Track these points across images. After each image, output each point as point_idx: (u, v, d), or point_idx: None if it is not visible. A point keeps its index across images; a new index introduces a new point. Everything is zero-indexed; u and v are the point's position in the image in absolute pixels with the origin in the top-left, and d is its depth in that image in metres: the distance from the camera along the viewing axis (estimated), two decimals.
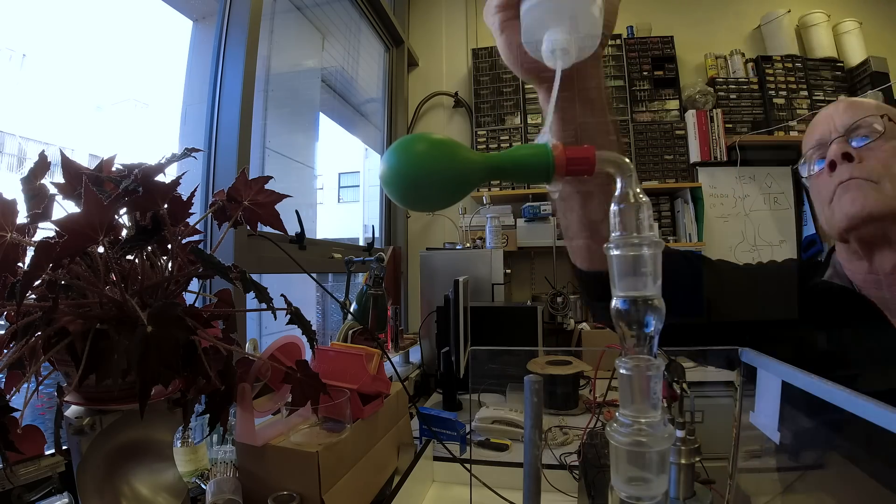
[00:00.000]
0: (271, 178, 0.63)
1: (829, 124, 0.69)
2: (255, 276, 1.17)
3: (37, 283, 0.45)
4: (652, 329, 0.34)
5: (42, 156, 0.54)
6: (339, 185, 6.57)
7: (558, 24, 0.40)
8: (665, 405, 0.83)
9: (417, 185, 0.37)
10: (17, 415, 0.44)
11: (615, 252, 0.34)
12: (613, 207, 0.35)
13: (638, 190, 0.35)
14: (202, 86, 1.37)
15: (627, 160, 0.36)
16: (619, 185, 0.35)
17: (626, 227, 0.34)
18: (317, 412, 0.75)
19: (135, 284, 0.52)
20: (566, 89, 0.46)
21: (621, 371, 0.34)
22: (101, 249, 0.48)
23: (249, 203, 0.61)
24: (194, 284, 0.60)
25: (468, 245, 2.37)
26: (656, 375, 0.34)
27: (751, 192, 2.66)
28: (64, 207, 0.52)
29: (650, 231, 0.34)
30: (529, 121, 2.82)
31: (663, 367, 0.35)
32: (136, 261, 0.52)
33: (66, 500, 0.67)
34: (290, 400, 0.69)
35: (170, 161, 0.52)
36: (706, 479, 0.62)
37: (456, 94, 2.97)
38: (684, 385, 0.59)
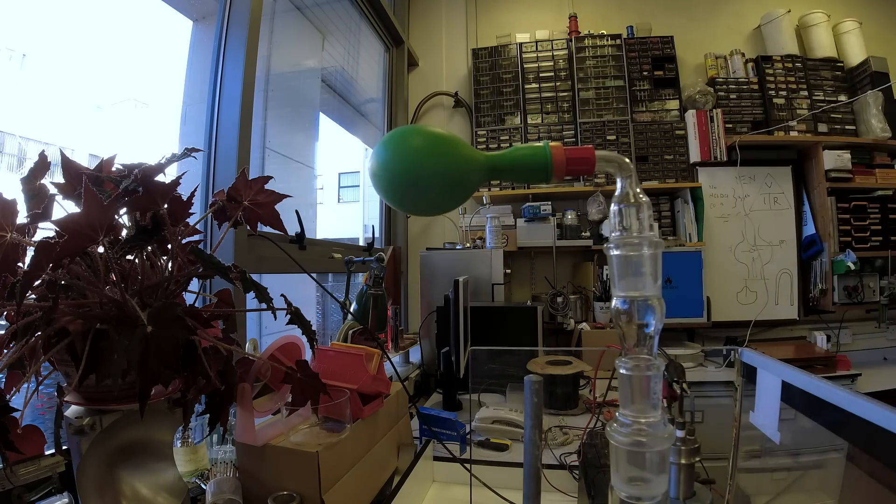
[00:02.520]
0: (271, 178, 0.63)
1: None
2: (255, 276, 1.17)
3: (37, 283, 0.45)
4: (652, 329, 0.34)
5: (42, 156, 0.54)
6: (339, 185, 6.56)
7: None
8: (665, 405, 0.83)
9: (412, 184, 0.34)
10: (17, 415, 0.44)
11: (615, 252, 0.34)
12: (613, 207, 0.35)
13: (638, 190, 0.35)
14: (202, 86, 1.37)
15: (627, 160, 0.36)
16: (619, 184, 0.35)
17: (627, 226, 0.34)
18: (317, 412, 0.75)
19: (135, 284, 0.52)
20: None
21: (621, 371, 0.34)
22: (101, 249, 0.48)
23: (249, 203, 0.61)
24: (194, 284, 0.60)
25: (468, 245, 2.37)
26: (656, 375, 0.34)
27: (751, 192, 2.66)
28: (64, 207, 0.52)
29: (650, 231, 0.34)
30: (529, 121, 2.81)
31: (663, 367, 0.35)
32: (136, 261, 0.52)
33: (66, 500, 0.67)
34: (290, 400, 0.69)
35: (170, 161, 0.52)
36: (706, 479, 0.62)
37: (456, 94, 2.97)
38: (684, 385, 0.59)
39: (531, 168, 0.36)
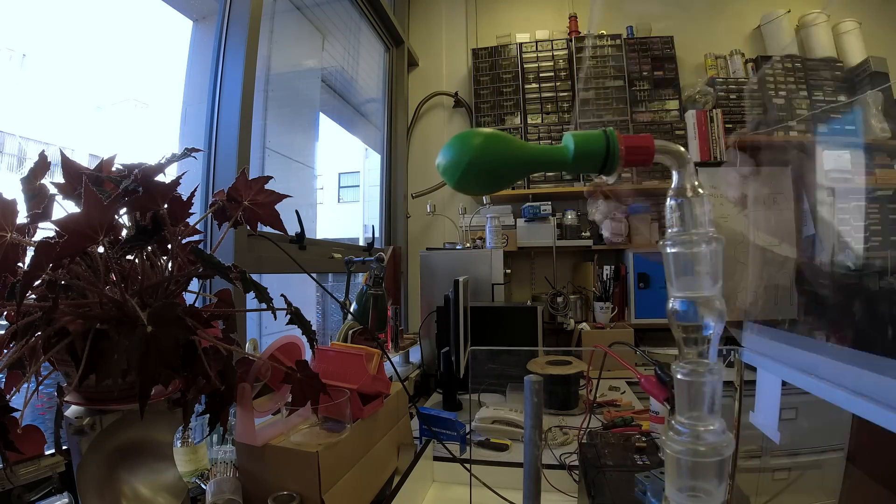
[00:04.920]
0: (271, 178, 0.63)
1: None
2: (255, 276, 1.17)
3: (37, 283, 0.45)
4: (711, 331, 0.32)
5: (42, 156, 0.54)
6: (339, 185, 6.56)
7: None
8: (667, 406, 0.83)
9: (476, 174, 0.37)
10: (17, 415, 0.44)
11: (672, 249, 0.32)
12: (670, 202, 0.33)
13: (696, 182, 0.33)
14: (202, 86, 1.37)
15: (684, 149, 0.34)
16: (675, 177, 0.34)
17: (684, 222, 0.33)
18: (317, 412, 0.75)
19: (135, 284, 0.52)
20: None
21: (678, 376, 0.32)
22: (101, 249, 0.48)
23: (249, 203, 0.61)
24: (194, 284, 0.60)
25: (468, 245, 2.37)
26: (715, 381, 0.32)
27: (750, 193, 2.66)
28: (64, 207, 0.52)
29: (709, 227, 0.33)
30: (529, 121, 2.81)
31: (723, 373, 0.33)
32: (136, 261, 0.52)
33: (66, 500, 0.67)
34: (290, 400, 0.69)
35: (170, 161, 0.52)
36: None
37: (456, 94, 2.97)
38: None
39: (591, 160, 0.35)
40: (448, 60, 3.04)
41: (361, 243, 2.45)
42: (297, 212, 1.40)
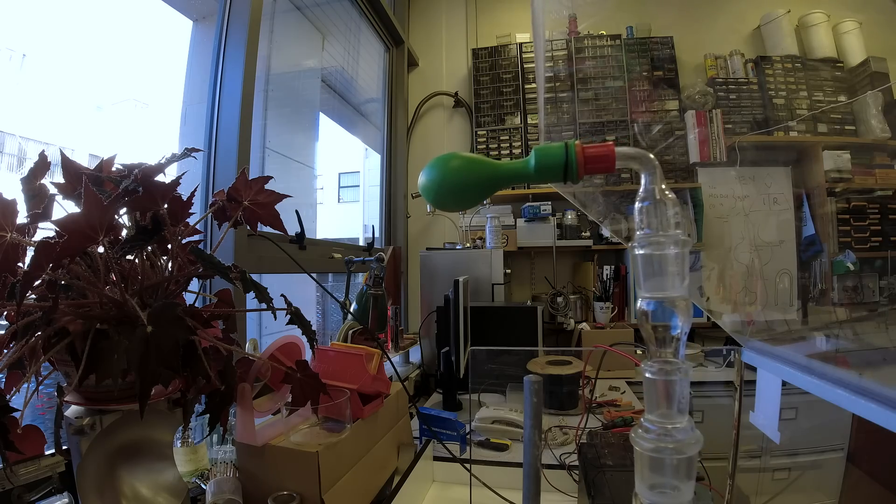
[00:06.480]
0: (271, 178, 0.63)
1: None
2: (255, 276, 1.17)
3: (37, 283, 0.45)
4: (678, 331, 0.33)
5: (42, 156, 0.54)
6: (339, 185, 6.56)
7: None
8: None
9: (452, 192, 0.41)
10: (17, 415, 0.44)
11: (640, 251, 0.33)
12: (637, 205, 0.34)
13: (664, 186, 0.34)
14: (202, 86, 1.37)
15: (651, 155, 0.35)
16: (643, 181, 0.34)
17: (652, 225, 0.33)
18: (317, 412, 0.75)
19: (135, 284, 0.52)
20: None
21: (646, 374, 0.33)
22: (101, 249, 0.48)
23: (249, 203, 0.61)
24: (194, 284, 0.60)
25: (468, 245, 2.37)
26: (683, 379, 0.33)
27: (750, 193, 2.66)
28: (64, 207, 0.52)
29: (676, 229, 0.33)
30: (529, 121, 2.81)
31: (691, 371, 0.34)
32: (136, 261, 0.52)
33: (66, 500, 0.67)
34: (290, 400, 0.69)
35: (170, 161, 0.52)
36: (699, 477, 0.62)
37: (456, 94, 2.97)
38: None
39: (552, 171, 0.37)
40: (448, 60, 3.04)
41: (361, 243, 2.45)
42: (297, 212, 1.40)
